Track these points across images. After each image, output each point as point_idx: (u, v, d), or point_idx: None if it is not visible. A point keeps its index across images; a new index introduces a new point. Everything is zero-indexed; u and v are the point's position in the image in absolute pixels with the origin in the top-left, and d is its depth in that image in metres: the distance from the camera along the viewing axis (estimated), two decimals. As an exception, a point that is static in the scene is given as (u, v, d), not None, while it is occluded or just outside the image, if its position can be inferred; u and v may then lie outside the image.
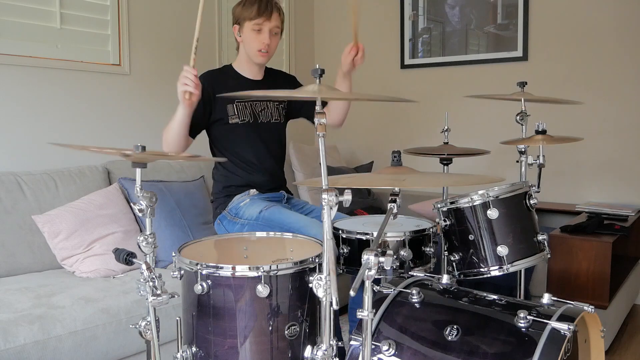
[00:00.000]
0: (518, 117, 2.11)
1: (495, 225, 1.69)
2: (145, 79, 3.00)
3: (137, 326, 1.40)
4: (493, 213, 1.67)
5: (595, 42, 3.11)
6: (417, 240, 1.70)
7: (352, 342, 1.37)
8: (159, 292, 1.26)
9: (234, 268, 1.31)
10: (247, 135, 2.14)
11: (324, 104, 2.28)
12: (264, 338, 1.33)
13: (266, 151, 2.19)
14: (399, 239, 1.67)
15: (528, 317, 1.21)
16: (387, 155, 1.49)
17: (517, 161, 2.07)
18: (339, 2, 4.07)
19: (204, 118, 2.07)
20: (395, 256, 1.66)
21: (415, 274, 1.54)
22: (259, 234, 1.71)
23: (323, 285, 1.19)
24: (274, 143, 2.25)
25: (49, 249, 2.23)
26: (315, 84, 1.22)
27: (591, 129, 3.16)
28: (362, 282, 1.16)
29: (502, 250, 1.67)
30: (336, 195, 1.17)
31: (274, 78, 2.27)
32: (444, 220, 1.78)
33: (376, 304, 1.40)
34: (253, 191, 2.12)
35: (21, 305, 1.79)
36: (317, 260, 1.38)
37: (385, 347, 1.31)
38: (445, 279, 1.49)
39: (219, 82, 2.11)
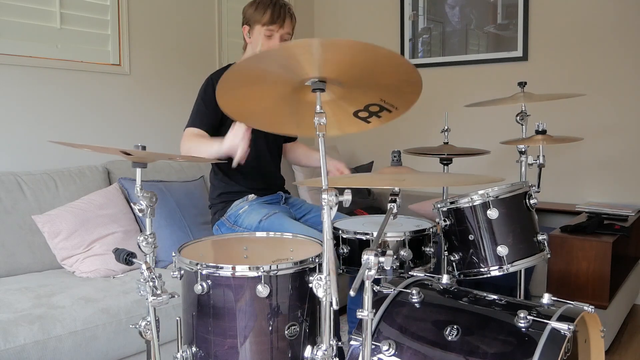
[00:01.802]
0: (518, 117, 2.11)
1: (495, 225, 1.69)
2: (145, 79, 3.00)
3: (137, 326, 1.40)
4: (493, 213, 1.67)
5: (595, 42, 3.11)
6: (417, 240, 1.70)
7: (352, 342, 1.37)
8: (159, 292, 1.27)
9: (234, 268, 1.31)
10: (254, 138, 2.13)
11: (294, 139, 2.38)
12: (264, 338, 1.33)
13: (269, 155, 2.19)
14: (399, 239, 1.67)
15: (528, 317, 1.21)
16: (387, 155, 1.49)
17: (517, 161, 2.08)
18: (339, 2, 4.07)
19: (218, 118, 2.04)
20: (395, 256, 1.66)
21: (415, 274, 1.54)
22: (259, 234, 1.71)
23: (323, 285, 1.19)
24: (276, 147, 2.25)
25: (49, 249, 2.23)
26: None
27: (591, 129, 3.16)
28: (362, 282, 1.16)
29: (502, 250, 1.67)
30: (336, 195, 1.17)
31: None
32: (444, 220, 1.78)
33: (376, 304, 1.40)
34: (252, 196, 2.11)
35: (21, 305, 1.79)
36: (317, 260, 1.38)
37: (385, 347, 1.31)
38: (445, 279, 1.49)
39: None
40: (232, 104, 1.30)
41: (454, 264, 1.76)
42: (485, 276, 1.70)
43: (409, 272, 1.57)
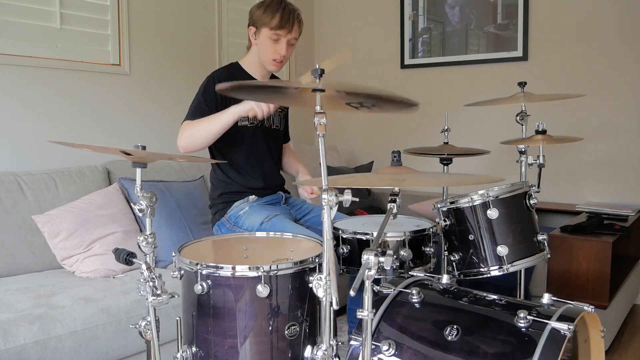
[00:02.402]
0: (518, 117, 2.11)
1: (495, 225, 1.69)
2: (145, 79, 3.00)
3: (137, 326, 1.40)
4: (493, 213, 1.67)
5: (595, 42, 3.11)
6: (417, 240, 1.70)
7: (352, 342, 1.37)
8: (159, 292, 1.27)
9: (234, 268, 1.31)
10: (253, 138, 2.13)
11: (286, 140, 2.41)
12: (264, 338, 1.33)
13: (268, 155, 2.19)
14: (399, 239, 1.67)
15: (528, 317, 1.21)
16: (387, 155, 1.49)
17: (517, 161, 2.08)
18: (339, 2, 4.07)
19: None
20: (395, 256, 1.66)
21: (415, 274, 1.54)
22: (259, 234, 1.71)
23: (323, 285, 1.19)
24: (276, 147, 2.25)
25: (49, 249, 2.23)
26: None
27: (591, 129, 3.16)
28: (362, 282, 1.16)
29: (502, 250, 1.67)
30: (336, 195, 1.17)
31: None
32: (444, 220, 1.78)
33: (376, 304, 1.40)
34: (252, 197, 2.11)
35: (21, 305, 1.79)
36: (317, 260, 1.38)
37: (385, 347, 1.31)
38: (445, 279, 1.49)
39: (235, 81, 2.10)
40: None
41: (454, 264, 1.76)
42: (485, 276, 1.71)
43: (409, 272, 1.57)
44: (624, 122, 3.07)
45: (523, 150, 2.05)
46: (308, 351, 1.32)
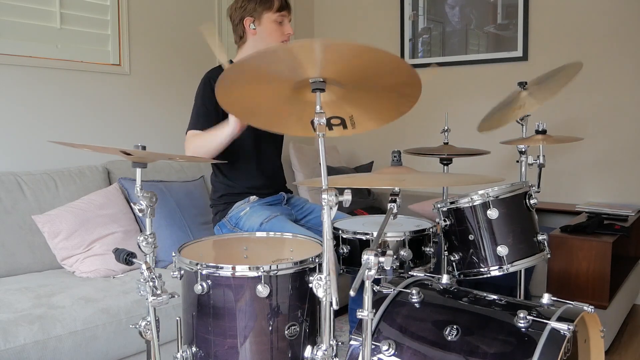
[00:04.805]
0: (518, 117, 2.11)
1: (495, 225, 1.69)
2: (145, 79, 3.00)
3: (137, 326, 1.40)
4: (493, 213, 1.67)
5: (595, 42, 3.11)
6: (417, 240, 1.70)
7: (352, 342, 1.37)
8: (159, 292, 1.27)
9: (234, 268, 1.31)
10: (253, 137, 2.12)
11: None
12: (264, 338, 1.33)
13: (269, 153, 2.19)
14: (399, 239, 1.67)
15: (528, 317, 1.21)
16: (387, 155, 1.49)
17: (517, 161, 2.08)
18: (339, 2, 4.07)
19: (219, 115, 2.05)
20: (395, 256, 1.66)
21: (415, 274, 1.54)
22: (259, 233, 1.71)
23: (323, 285, 1.19)
24: (276, 145, 2.25)
25: (49, 249, 2.23)
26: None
27: (591, 129, 3.16)
28: (362, 282, 1.16)
29: (502, 250, 1.67)
30: (336, 195, 1.17)
31: None
32: (444, 220, 1.78)
33: (376, 304, 1.40)
34: (253, 198, 2.11)
35: (21, 305, 1.79)
36: (317, 260, 1.38)
37: (385, 347, 1.31)
38: (445, 279, 1.49)
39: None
40: (232, 103, 1.30)
41: (454, 264, 1.76)
42: (485, 276, 1.71)
43: (409, 272, 1.57)
44: (624, 122, 3.07)
45: (523, 150, 2.05)
46: (308, 351, 1.32)
